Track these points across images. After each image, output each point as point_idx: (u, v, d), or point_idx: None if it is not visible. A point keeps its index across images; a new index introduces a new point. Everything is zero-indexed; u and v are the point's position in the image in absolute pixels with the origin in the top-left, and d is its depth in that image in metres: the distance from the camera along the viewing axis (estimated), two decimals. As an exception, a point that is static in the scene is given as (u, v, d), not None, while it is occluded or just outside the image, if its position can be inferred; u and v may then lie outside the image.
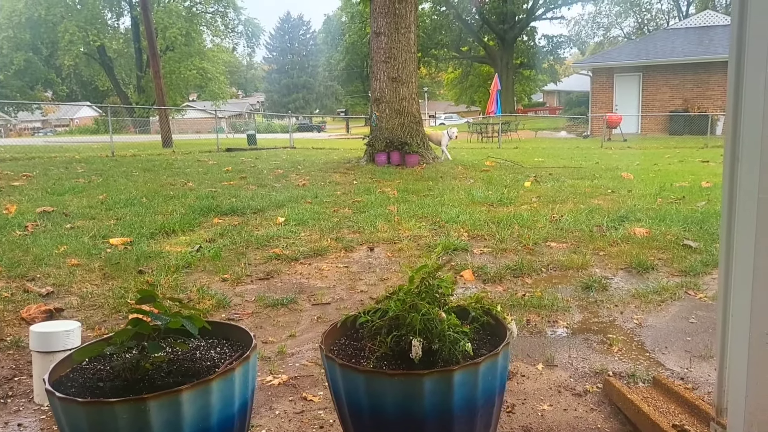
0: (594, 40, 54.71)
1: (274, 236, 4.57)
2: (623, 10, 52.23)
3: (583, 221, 4.91)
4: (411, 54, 10.03)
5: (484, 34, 42.54)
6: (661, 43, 25.85)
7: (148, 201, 6.16)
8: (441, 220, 5.10)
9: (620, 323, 2.82)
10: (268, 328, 2.85)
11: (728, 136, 1.39)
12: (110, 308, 3.06)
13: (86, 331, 2.74)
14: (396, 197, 6.44)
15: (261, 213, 5.55)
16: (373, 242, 4.43)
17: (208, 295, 3.23)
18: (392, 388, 1.39)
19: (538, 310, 2.96)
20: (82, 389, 1.40)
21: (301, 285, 3.50)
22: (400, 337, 1.51)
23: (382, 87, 10.02)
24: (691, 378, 2.24)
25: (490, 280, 3.49)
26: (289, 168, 10.10)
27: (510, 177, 8.37)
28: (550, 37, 44.83)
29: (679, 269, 3.59)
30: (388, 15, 9.76)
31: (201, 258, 3.96)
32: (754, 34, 1.28)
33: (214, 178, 8.40)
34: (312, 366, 2.42)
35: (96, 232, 4.66)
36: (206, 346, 1.61)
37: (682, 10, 50.29)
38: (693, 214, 5.01)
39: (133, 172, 9.32)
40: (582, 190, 6.85)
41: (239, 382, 1.43)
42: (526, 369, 2.35)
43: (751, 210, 1.33)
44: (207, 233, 4.73)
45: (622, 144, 18.60)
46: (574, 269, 3.65)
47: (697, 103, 23.18)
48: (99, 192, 6.82)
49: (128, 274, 3.61)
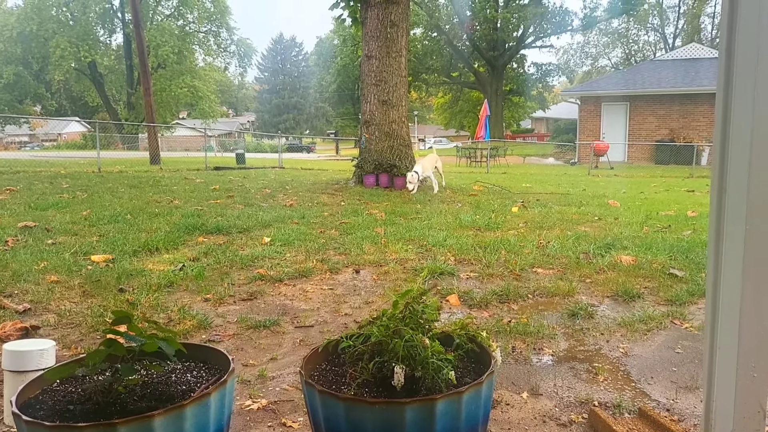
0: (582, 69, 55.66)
1: (259, 256, 4.52)
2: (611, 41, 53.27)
3: (569, 248, 4.91)
4: (401, 78, 10.10)
5: (474, 60, 43.08)
6: (648, 74, 26.31)
7: (132, 218, 6.09)
8: (428, 243, 5.08)
9: (606, 352, 2.79)
10: (250, 351, 2.79)
11: (715, 167, 1.39)
12: (88, 327, 2.99)
13: (62, 350, 2.67)
14: (383, 219, 6.42)
15: (247, 232, 5.50)
16: (359, 264, 4.39)
17: (190, 315, 3.17)
18: (373, 417, 1.35)
19: (524, 337, 2.93)
20: (52, 412, 1.35)
21: (285, 307, 3.45)
22: (382, 364, 1.48)
23: (372, 109, 10.06)
24: (677, 409, 2.22)
25: (476, 305, 3.46)
26: (277, 188, 10.07)
27: (498, 202, 8.39)
28: (540, 65, 45.48)
29: (665, 298, 3.58)
30: (380, 39, 9.85)
31: (184, 277, 3.90)
32: (742, 65, 1.28)
33: (201, 197, 8.34)
34: (293, 390, 2.36)
35: (78, 248, 4.58)
36: (182, 369, 1.57)
37: (668, 42, 51.35)
38: (679, 243, 5.03)
39: (119, 188, 9.24)
40: (569, 216, 6.87)
41: (215, 408, 1.38)
42: (510, 397, 2.31)
43: (738, 241, 1.32)
44: (191, 252, 4.67)
45: (609, 172, 18.77)
46: (561, 296, 3.63)
47: (682, 133, 23.53)
48: (83, 208, 6.73)
49: (108, 292, 3.54)
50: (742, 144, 1.29)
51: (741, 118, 1.30)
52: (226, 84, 69.89)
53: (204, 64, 50.91)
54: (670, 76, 25.26)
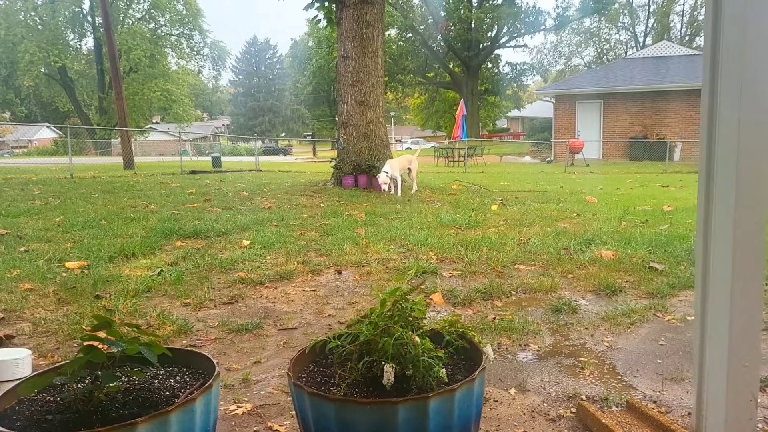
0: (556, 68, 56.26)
1: (239, 259, 4.45)
2: (583, 40, 53.95)
3: (550, 244, 4.93)
4: (378, 78, 10.08)
5: (449, 61, 43.27)
6: (621, 72, 26.67)
7: (107, 223, 5.97)
8: (409, 243, 5.06)
9: (591, 346, 2.79)
10: (232, 355, 2.74)
11: (702, 156, 1.38)
12: (64, 335, 2.90)
13: (38, 359, 2.59)
14: (364, 220, 6.38)
15: (225, 236, 5.43)
16: (341, 265, 4.35)
17: (169, 321, 3.10)
18: (364, 418, 1.32)
19: (509, 334, 2.92)
20: (29, 423, 1.30)
21: (267, 309, 3.40)
22: (371, 363, 1.45)
23: (350, 110, 10.02)
24: (663, 401, 2.22)
25: (460, 303, 3.44)
26: (255, 191, 9.97)
27: (477, 200, 8.41)
28: (514, 65, 45.87)
29: (647, 291, 3.61)
30: (356, 39, 9.82)
31: (162, 282, 3.82)
32: (728, 51, 1.28)
33: (178, 201, 8.22)
34: (278, 394, 2.32)
35: (51, 255, 4.47)
36: (165, 375, 1.52)
37: (639, 40, 52.18)
38: (657, 237, 5.08)
39: (93, 194, 9.07)
40: (548, 213, 6.91)
41: (200, 413, 1.34)
42: (498, 394, 2.30)
43: (728, 230, 1.32)
44: (169, 256, 4.58)
45: (584, 169, 18.97)
46: (544, 292, 3.64)
47: (655, 129, 23.89)
48: (56, 214, 6.59)
49: (84, 299, 3.45)
50: (729, 132, 1.29)
51: (728, 106, 1.30)
52: (200, 87, 69.22)
53: (177, 68, 50.34)
54: (642, 74, 25.64)
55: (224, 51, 52.37)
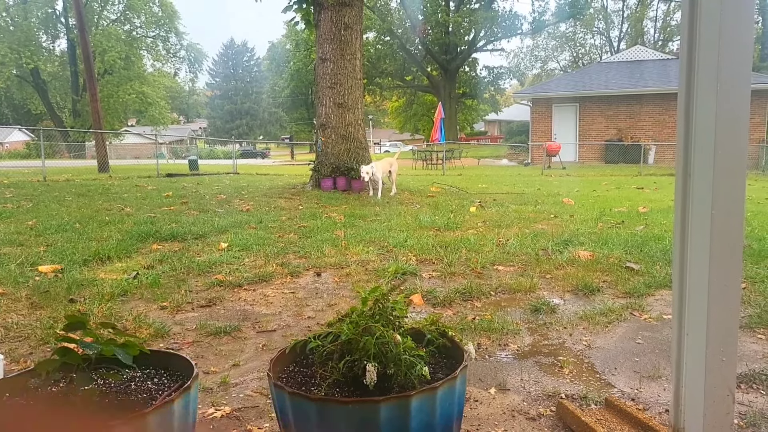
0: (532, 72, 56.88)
1: (217, 262, 4.40)
2: (559, 45, 54.63)
3: (528, 245, 4.97)
4: (357, 80, 10.07)
5: (427, 64, 43.46)
6: (596, 76, 27.04)
7: (81, 227, 5.87)
8: (389, 244, 5.05)
9: (570, 345, 2.81)
10: (210, 358, 2.71)
11: (680, 152, 1.40)
12: (38, 339, 2.84)
13: (10, 364, 2.53)
14: (343, 222, 6.37)
15: (203, 238, 5.37)
16: (320, 267, 4.33)
17: (146, 324, 3.05)
18: (346, 417, 1.31)
19: (489, 334, 2.93)
20: (3, 428, 1.26)
21: (246, 312, 3.36)
22: (353, 362, 1.44)
23: (328, 112, 10.00)
24: (642, 398, 2.24)
25: (440, 303, 3.45)
26: (233, 193, 9.89)
27: (456, 202, 8.45)
28: (491, 68, 46.24)
29: (624, 291, 3.65)
30: (334, 41, 9.80)
31: (138, 285, 3.76)
32: (705, 46, 1.30)
33: (154, 203, 8.11)
34: (257, 396, 2.30)
35: (24, 259, 4.38)
36: (143, 377, 1.49)
37: (613, 45, 52.99)
38: (633, 238, 5.15)
39: (66, 197, 8.91)
40: (526, 215, 6.96)
41: (179, 415, 1.32)
42: (478, 393, 2.30)
43: (705, 226, 1.34)
44: (145, 259, 4.52)
45: (561, 171, 19.17)
46: (523, 292, 3.66)
47: (630, 132, 24.25)
48: (28, 217, 6.46)
49: (58, 303, 3.38)
50: (706, 128, 1.31)
51: (704, 102, 1.32)
52: (177, 90, 68.56)
53: (153, 70, 49.80)
54: (616, 78, 26.02)
55: (201, 53, 51.91)
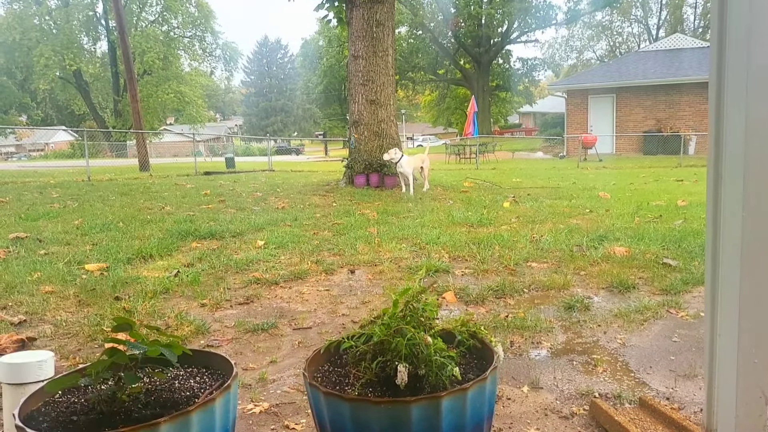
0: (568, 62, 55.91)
1: (254, 260, 4.50)
2: (595, 34, 53.56)
3: (562, 241, 4.94)
4: (389, 77, 10.10)
5: (460, 57, 43.13)
6: (633, 66, 26.46)
7: (124, 225, 6.06)
8: (421, 241, 5.08)
9: (604, 343, 2.81)
10: (249, 354, 2.79)
11: (711, 154, 1.40)
12: (85, 336, 2.97)
13: (60, 360, 2.65)
14: (376, 219, 6.42)
15: (240, 236, 5.49)
16: (353, 265, 4.39)
17: (187, 321, 3.16)
18: (378, 417, 1.35)
19: (522, 331, 2.94)
20: (55, 424, 1.34)
21: (282, 309, 3.44)
22: (385, 363, 1.48)
23: (361, 109, 10.06)
24: (677, 398, 2.23)
25: (473, 301, 3.47)
26: (268, 191, 10.04)
27: (489, 198, 8.42)
28: (525, 60, 45.59)
29: (660, 288, 3.61)
30: (366, 39, 9.85)
31: (179, 283, 3.88)
32: (734, 48, 1.30)
33: (192, 202, 8.31)
34: (294, 393, 2.36)
35: (71, 257, 4.55)
36: (185, 376, 1.56)
37: (652, 33, 51.72)
38: (671, 233, 5.06)
39: (110, 196, 9.19)
40: (560, 210, 6.90)
41: (220, 413, 1.38)
42: (511, 392, 2.32)
43: (736, 228, 1.34)
44: (185, 258, 4.65)
45: (597, 164, 18.86)
46: (556, 289, 3.65)
47: (669, 123, 23.69)
48: (74, 217, 6.69)
49: (104, 300, 3.52)
50: (736, 131, 1.31)
51: (734, 105, 1.32)
52: (213, 88, 69.62)
53: (190, 69, 50.62)
54: (655, 67, 25.42)
55: (236, 52, 52.49)
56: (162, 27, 47.20)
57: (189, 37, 48.71)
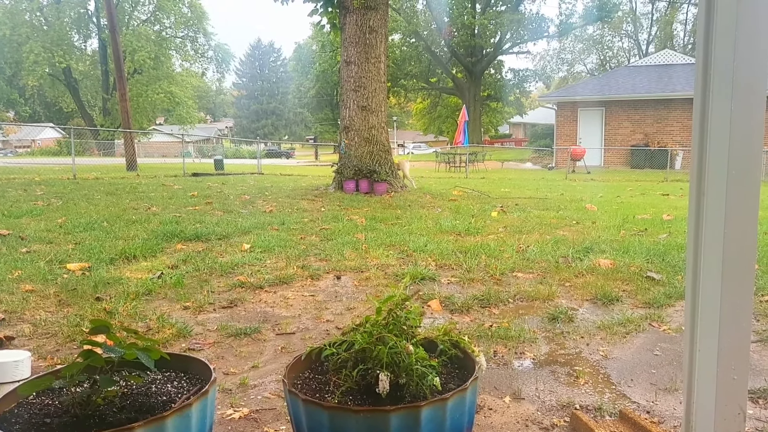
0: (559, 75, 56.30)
1: (239, 263, 4.48)
2: (586, 47, 54.00)
3: (549, 252, 4.95)
4: (381, 83, 10.12)
5: (452, 66, 43.32)
6: (623, 80, 26.69)
7: (109, 225, 6.00)
8: (409, 248, 5.08)
9: (586, 355, 2.81)
10: (230, 359, 2.76)
11: (693, 170, 1.41)
12: (64, 337, 2.93)
13: (38, 360, 2.62)
14: (364, 225, 6.41)
15: (226, 239, 5.45)
16: (340, 270, 4.37)
17: (169, 324, 3.13)
18: (357, 425, 1.34)
19: (506, 341, 2.94)
20: (28, 426, 1.32)
21: (266, 314, 3.42)
22: (366, 371, 1.47)
23: (352, 115, 10.06)
24: (657, 411, 2.24)
25: (458, 310, 3.46)
26: (257, 194, 10.00)
27: (477, 207, 8.43)
28: (517, 71, 45.85)
29: (643, 301, 3.62)
30: (359, 45, 9.86)
31: (162, 285, 3.85)
32: (719, 65, 1.31)
33: (179, 203, 8.25)
34: (275, 399, 2.34)
35: (53, 256, 4.50)
36: (163, 380, 1.54)
37: (642, 48, 52.25)
38: (655, 247, 5.10)
39: (95, 195, 9.11)
40: (548, 221, 6.93)
41: (197, 418, 1.36)
42: (493, 402, 2.32)
43: (717, 244, 1.34)
44: (170, 259, 4.61)
45: (585, 176, 18.97)
46: (541, 300, 3.66)
47: (657, 138, 23.90)
48: (58, 215, 6.62)
49: (85, 301, 3.48)
50: (720, 148, 1.31)
51: (718, 122, 1.33)
52: (204, 89, 69.41)
53: (181, 70, 50.43)
54: (644, 82, 25.65)
55: (228, 53, 52.35)
56: (154, 26, 47.02)
57: (181, 38, 48.56)
